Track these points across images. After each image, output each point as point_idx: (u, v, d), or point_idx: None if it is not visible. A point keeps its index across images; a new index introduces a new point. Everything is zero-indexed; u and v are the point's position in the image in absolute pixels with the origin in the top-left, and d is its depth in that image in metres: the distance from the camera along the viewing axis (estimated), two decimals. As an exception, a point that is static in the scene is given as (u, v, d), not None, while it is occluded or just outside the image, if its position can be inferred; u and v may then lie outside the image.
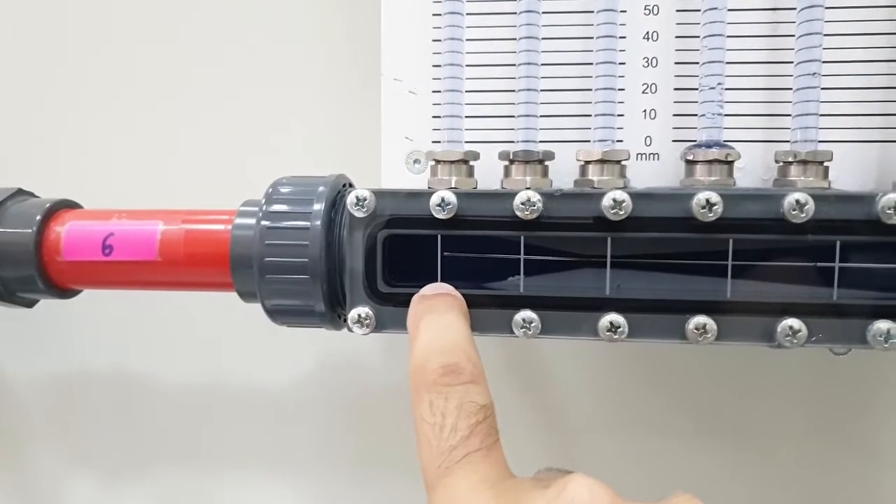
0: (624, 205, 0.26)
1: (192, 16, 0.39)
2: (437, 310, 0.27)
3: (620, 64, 0.31)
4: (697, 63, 0.30)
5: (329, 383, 0.41)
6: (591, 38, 0.30)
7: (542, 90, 0.31)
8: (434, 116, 0.33)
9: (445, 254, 0.28)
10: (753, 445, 0.38)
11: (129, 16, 0.40)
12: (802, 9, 0.28)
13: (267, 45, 0.39)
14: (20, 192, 0.34)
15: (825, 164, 0.28)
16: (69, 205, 0.34)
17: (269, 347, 0.41)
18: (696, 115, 0.30)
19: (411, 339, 0.26)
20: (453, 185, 0.30)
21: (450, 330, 0.26)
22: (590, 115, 0.31)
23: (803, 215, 0.26)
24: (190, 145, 0.40)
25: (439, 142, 0.32)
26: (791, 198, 0.26)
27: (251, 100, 0.39)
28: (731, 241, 0.26)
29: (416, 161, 0.33)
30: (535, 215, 0.27)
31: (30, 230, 0.32)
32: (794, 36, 0.29)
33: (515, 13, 0.30)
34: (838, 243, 0.26)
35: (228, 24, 0.39)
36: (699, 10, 0.30)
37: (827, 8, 0.29)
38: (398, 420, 0.40)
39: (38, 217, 0.32)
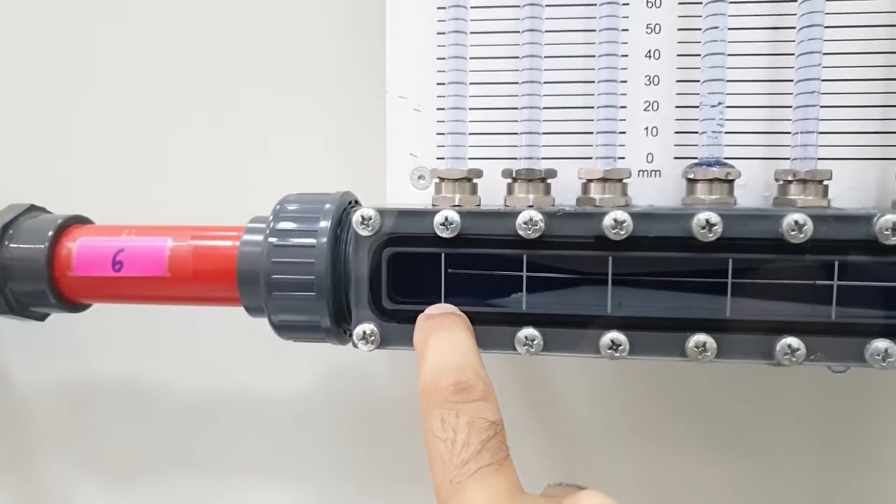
0: (625, 225, 0.27)
1: (207, 30, 0.40)
2: (444, 327, 0.27)
3: (622, 82, 0.31)
4: (698, 81, 0.30)
5: (335, 393, 0.41)
6: (594, 55, 0.31)
7: (544, 108, 0.31)
8: (438, 133, 0.33)
9: (449, 271, 0.29)
10: (762, 459, 0.39)
11: (145, 34, 0.41)
12: (802, 28, 0.29)
13: (273, 61, 0.39)
14: (33, 208, 0.35)
15: (824, 182, 0.28)
16: (80, 220, 0.35)
17: (275, 357, 0.41)
18: (697, 132, 0.31)
19: (420, 356, 0.27)
20: (457, 203, 0.30)
21: (458, 347, 0.26)
22: (591, 133, 0.31)
23: (802, 236, 0.26)
24: (196, 160, 0.41)
25: (443, 158, 0.32)
26: (790, 218, 0.26)
27: (258, 116, 0.40)
28: (730, 260, 0.27)
29: (420, 177, 0.34)
30: (537, 234, 0.27)
31: (42, 246, 0.33)
32: (793, 55, 0.29)
33: (518, 31, 0.31)
34: (836, 263, 0.26)
35: (235, 40, 0.40)
36: (700, 29, 0.30)
37: (826, 27, 0.29)
38: (404, 430, 0.41)
39: (50, 233, 0.33)
